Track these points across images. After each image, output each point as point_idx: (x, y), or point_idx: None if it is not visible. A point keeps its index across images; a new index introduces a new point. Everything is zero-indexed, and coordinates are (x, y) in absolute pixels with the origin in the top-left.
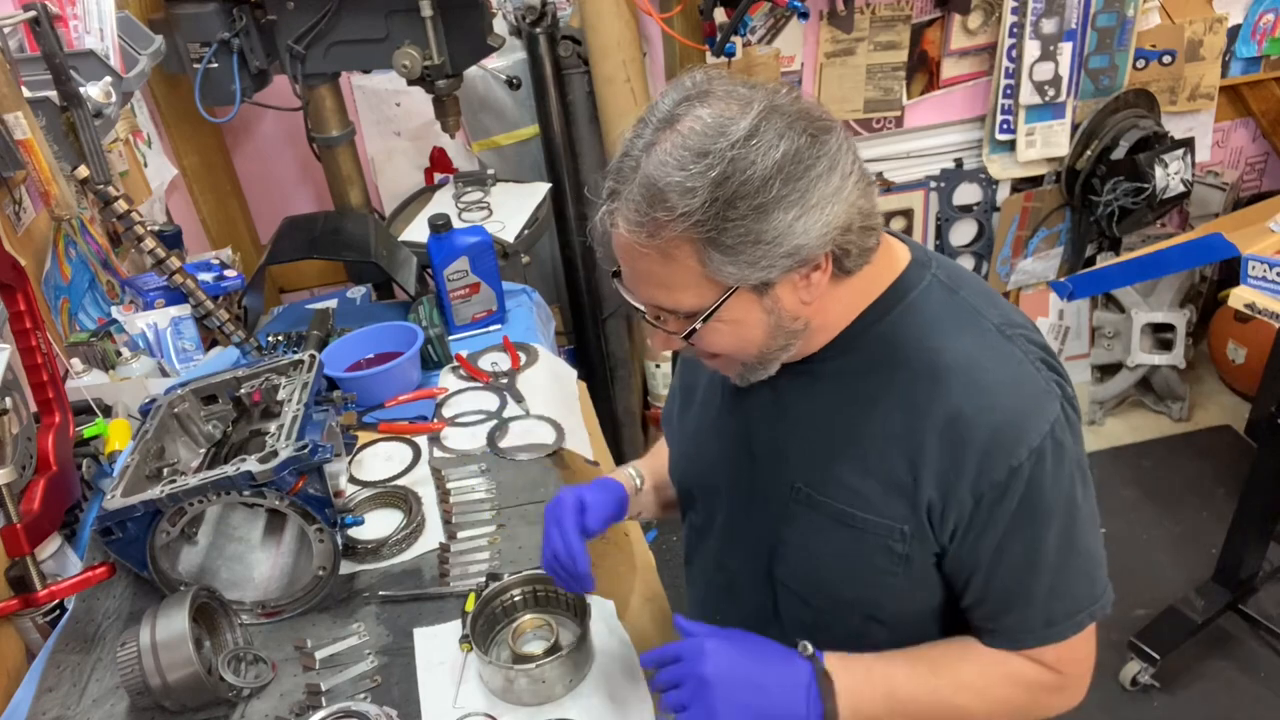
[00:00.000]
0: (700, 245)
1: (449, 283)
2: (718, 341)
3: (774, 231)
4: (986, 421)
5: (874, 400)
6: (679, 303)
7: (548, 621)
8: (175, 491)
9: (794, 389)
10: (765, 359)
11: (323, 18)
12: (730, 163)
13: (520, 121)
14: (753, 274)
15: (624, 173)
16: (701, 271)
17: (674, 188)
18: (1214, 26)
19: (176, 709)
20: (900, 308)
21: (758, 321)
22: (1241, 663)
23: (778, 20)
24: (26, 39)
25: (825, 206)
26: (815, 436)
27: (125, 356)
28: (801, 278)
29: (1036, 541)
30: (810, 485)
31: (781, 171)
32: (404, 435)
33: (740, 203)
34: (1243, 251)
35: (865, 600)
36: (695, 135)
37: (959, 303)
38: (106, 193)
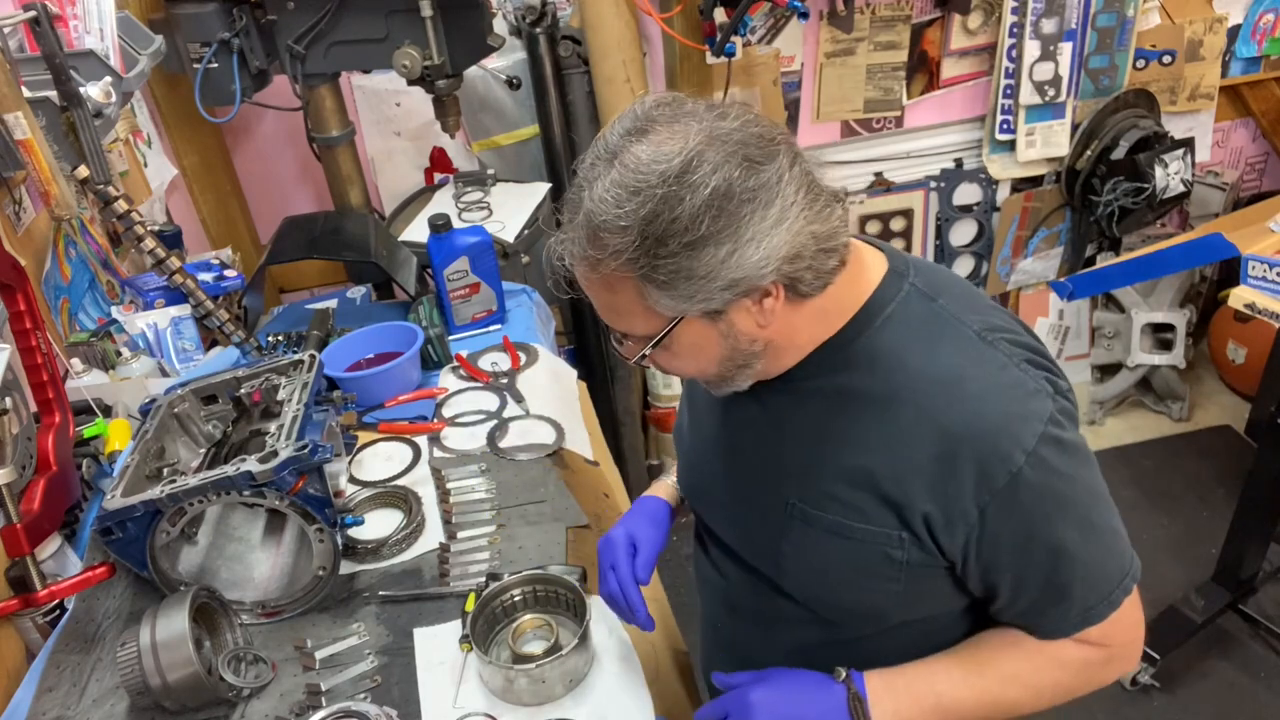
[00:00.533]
0: (637, 280)
1: (449, 283)
2: (675, 364)
3: (706, 268)
4: (976, 431)
5: (858, 416)
6: (631, 328)
7: (548, 621)
8: (175, 491)
9: (781, 405)
10: (725, 378)
11: (323, 18)
12: (661, 200)
13: (520, 121)
14: (692, 306)
15: (572, 205)
16: (644, 304)
17: (607, 226)
18: (1214, 26)
19: (176, 709)
20: (879, 322)
21: (713, 345)
22: (1241, 663)
23: (778, 20)
24: (26, 39)
25: (763, 240)
26: (804, 451)
27: (125, 356)
28: (754, 304)
29: (1056, 538)
30: (804, 500)
31: (712, 208)
32: (404, 435)
33: (671, 240)
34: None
35: (870, 609)
36: (629, 172)
37: (938, 311)
38: (106, 193)
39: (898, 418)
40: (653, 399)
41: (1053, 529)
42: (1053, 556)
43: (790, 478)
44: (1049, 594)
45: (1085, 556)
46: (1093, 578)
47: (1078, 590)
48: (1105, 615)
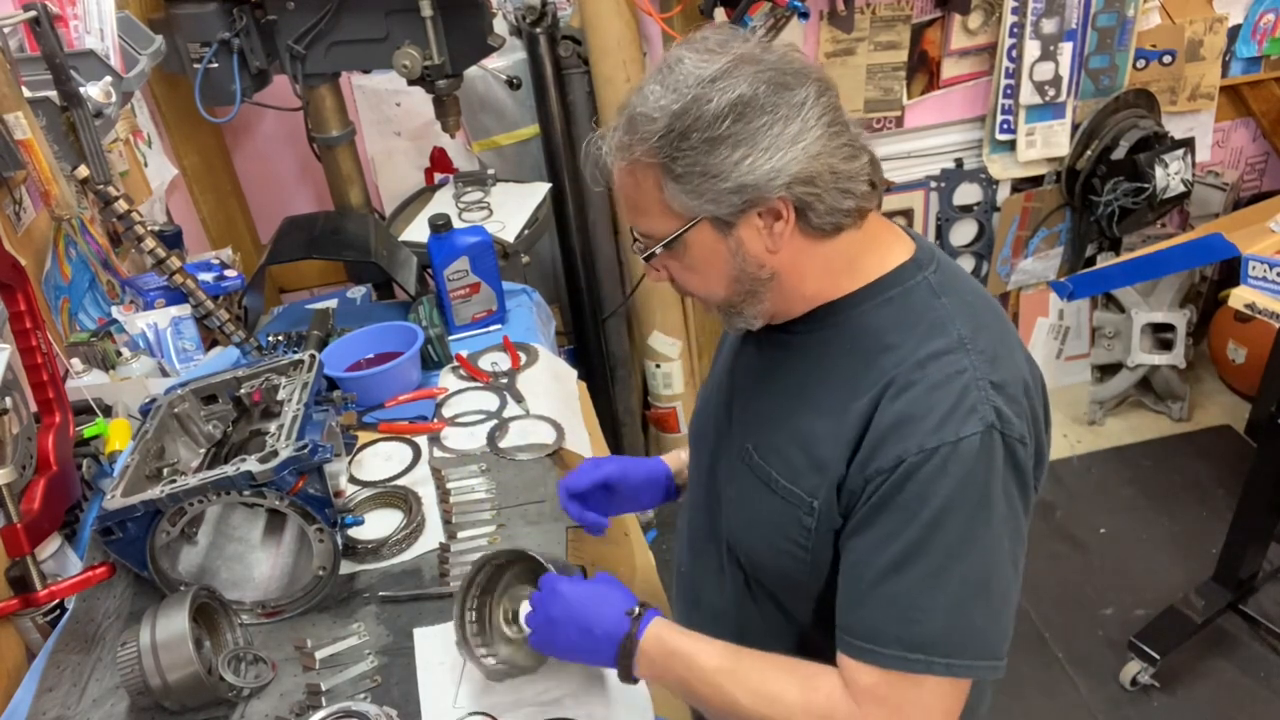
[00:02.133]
0: (658, 171)
1: (449, 283)
2: (686, 277)
3: (719, 167)
4: (896, 410)
5: (825, 377)
6: (650, 227)
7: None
8: (175, 491)
9: (773, 355)
10: (733, 304)
11: (323, 18)
12: (691, 99)
13: (520, 121)
14: (702, 205)
15: (620, 109)
16: (661, 198)
17: (642, 116)
18: (1214, 26)
19: (176, 709)
20: (879, 300)
21: (724, 262)
22: (1241, 663)
23: (778, 20)
24: (26, 39)
25: (776, 152)
26: (772, 403)
27: (125, 356)
28: (764, 223)
29: (895, 548)
30: (756, 448)
31: (734, 110)
32: (404, 435)
33: (693, 134)
34: (1243, 251)
35: (777, 567)
36: (671, 75)
37: (935, 308)
38: (106, 193)
39: (855, 391)
40: (653, 399)
41: (899, 536)
42: (881, 556)
43: (754, 424)
44: (857, 590)
45: (916, 588)
46: (906, 614)
47: (879, 607)
48: (893, 667)
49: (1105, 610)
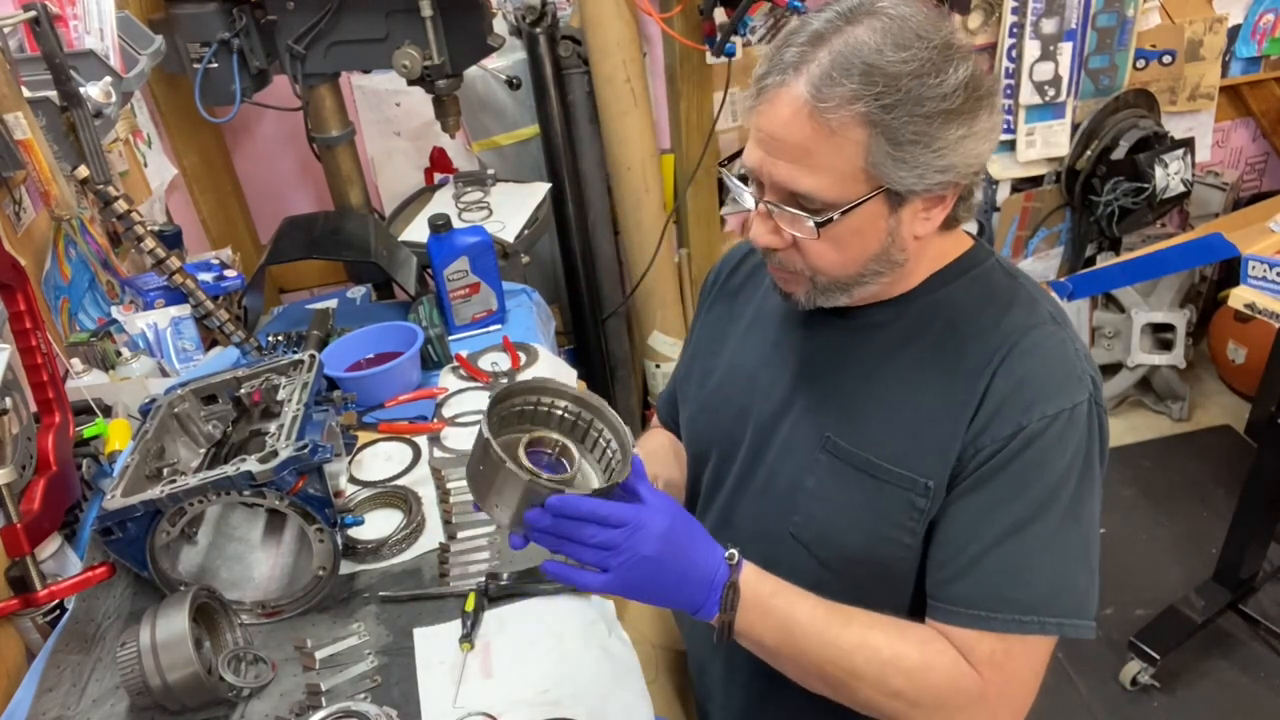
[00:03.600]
0: (872, 131)
1: (449, 283)
2: (820, 250)
3: (942, 142)
4: (1013, 380)
5: (923, 358)
6: (819, 189)
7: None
8: (175, 491)
9: (850, 338)
10: (855, 281)
11: (323, 18)
12: (930, 62)
13: (520, 121)
14: (906, 178)
15: (807, 41)
16: (860, 160)
17: (875, 66)
18: (1214, 26)
19: (176, 709)
20: (966, 278)
21: (875, 237)
22: (1241, 663)
23: (778, 20)
24: (26, 39)
25: (982, 138)
26: (857, 387)
27: (125, 356)
28: (925, 207)
29: (1012, 513)
30: (840, 435)
31: (967, 87)
32: (404, 435)
33: (928, 102)
34: (1243, 251)
35: (875, 558)
36: (899, 24)
37: (1018, 286)
38: (106, 193)
39: (958, 365)
40: (653, 399)
41: (1014, 503)
42: (997, 524)
43: (835, 412)
44: (970, 558)
45: (1028, 552)
46: (1019, 579)
47: (994, 575)
48: (1009, 631)
49: (1105, 610)
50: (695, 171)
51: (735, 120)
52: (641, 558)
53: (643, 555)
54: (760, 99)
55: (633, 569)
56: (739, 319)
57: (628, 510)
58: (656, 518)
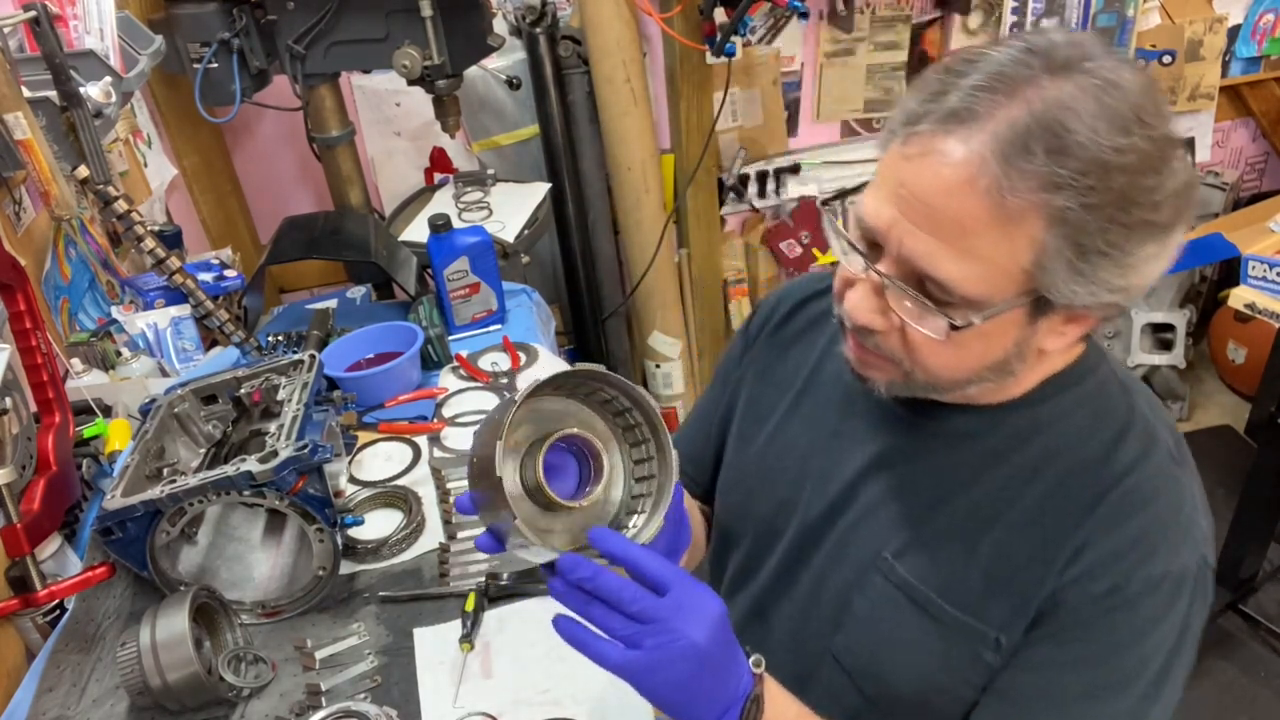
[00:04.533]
0: (1057, 230)
1: (449, 283)
2: (933, 348)
3: (1134, 258)
4: (1119, 527)
5: (1013, 484)
6: (963, 280)
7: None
8: (175, 491)
9: (927, 444)
10: (958, 385)
11: (323, 18)
12: (1149, 157)
13: (520, 121)
14: (1077, 292)
15: (989, 82)
16: (1026, 260)
17: (1085, 148)
18: (1214, 26)
19: (176, 709)
20: (1076, 392)
21: (1001, 345)
22: (1241, 663)
23: (778, 20)
24: (26, 39)
25: (1165, 257)
26: (928, 506)
27: (125, 356)
28: (1067, 320)
29: (1089, 679)
30: (900, 559)
31: (1179, 197)
32: (404, 435)
33: (1135, 209)
34: (1243, 251)
35: (926, 702)
36: (1116, 96)
37: (1134, 408)
38: (106, 193)
39: (1054, 501)
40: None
41: (1096, 671)
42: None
43: (894, 528)
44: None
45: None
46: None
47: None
48: None
49: None
50: (695, 171)
51: (735, 120)
52: (690, 644)
53: (691, 640)
54: (910, 144)
55: (670, 653)
56: (789, 381)
57: (673, 573)
58: (709, 596)
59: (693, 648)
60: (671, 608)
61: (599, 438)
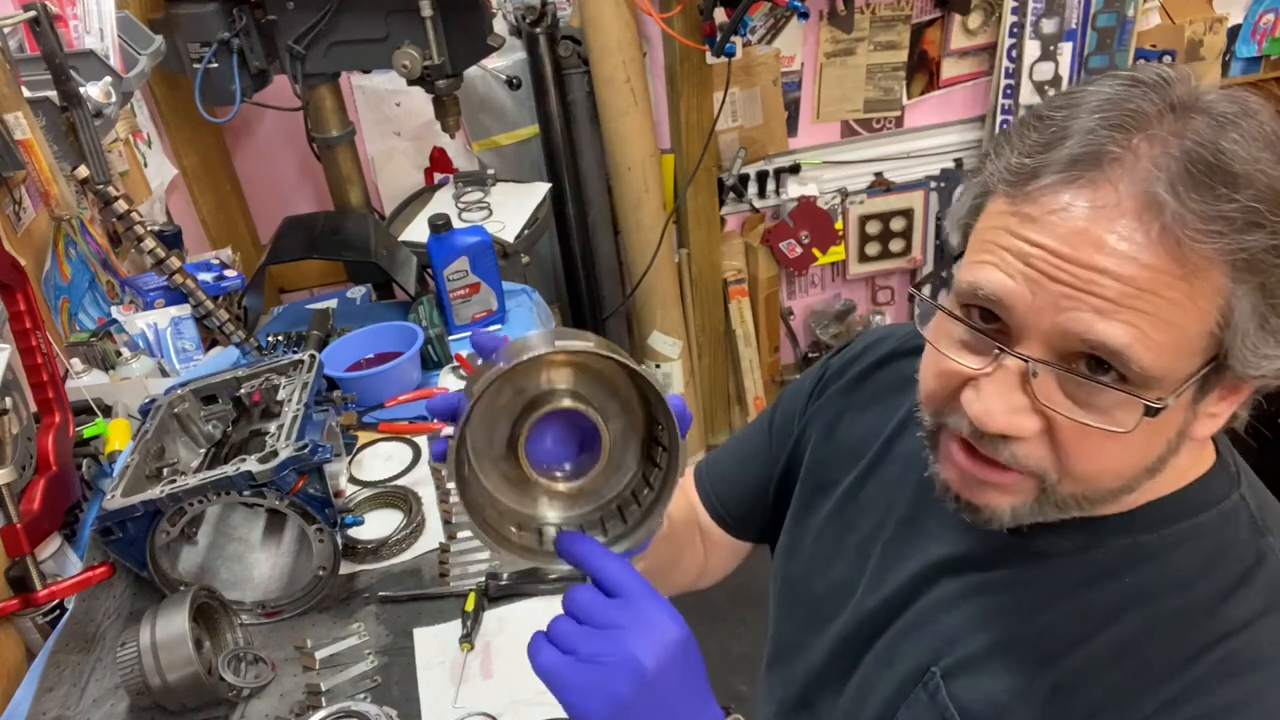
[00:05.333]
0: (1244, 274)
1: (449, 283)
2: (1108, 449)
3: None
4: (1214, 699)
5: (1092, 618)
6: (1143, 351)
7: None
8: (175, 491)
9: (1004, 557)
10: (1109, 494)
11: (323, 18)
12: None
13: (520, 121)
14: (1263, 355)
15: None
16: (1211, 316)
17: (1256, 175)
18: (1214, 26)
19: (176, 709)
20: (1188, 524)
21: (1164, 434)
22: None
23: (778, 20)
24: (26, 39)
25: None
26: (989, 621)
27: (125, 356)
28: (1221, 397)
29: None
30: (948, 677)
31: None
32: (404, 435)
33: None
34: None
35: None
36: (1262, 123)
37: (1266, 555)
38: (106, 193)
39: (1138, 649)
40: None
41: None
42: None
43: (948, 641)
44: None
45: None
46: None
47: None
48: None
49: None
50: (695, 171)
51: (735, 120)
52: (630, 659)
53: (633, 656)
54: (1032, 203)
55: (605, 667)
56: (860, 448)
57: (632, 582)
58: (671, 619)
59: (634, 667)
60: (619, 616)
61: (615, 437)
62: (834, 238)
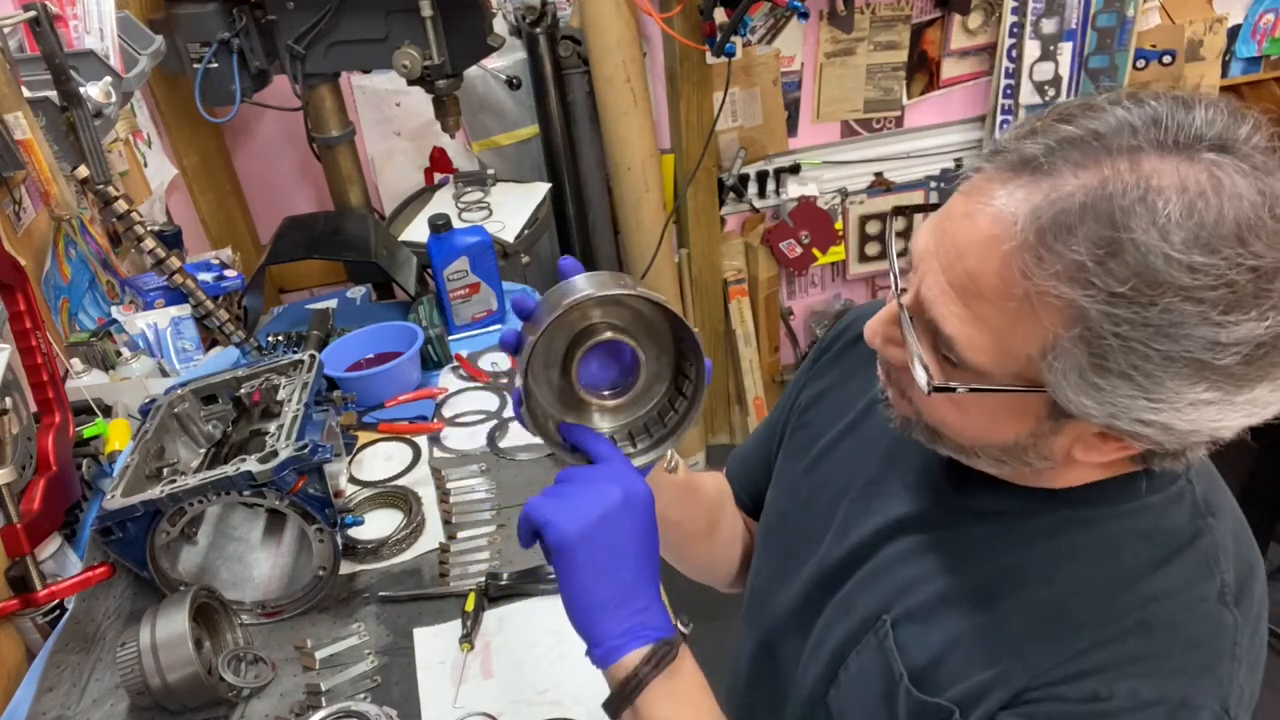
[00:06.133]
0: (1076, 330)
1: (449, 283)
2: (944, 408)
3: (1168, 396)
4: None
5: (1027, 576)
6: (967, 343)
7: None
8: (175, 491)
9: (957, 518)
10: (959, 449)
11: (323, 18)
12: (1231, 288)
13: (520, 121)
14: (1086, 405)
15: (1081, 140)
16: (1034, 348)
17: (1144, 253)
18: (1214, 26)
19: (176, 709)
20: (1135, 504)
21: (1012, 428)
22: None
23: (778, 20)
24: (26, 39)
25: (1240, 412)
26: (935, 573)
27: (125, 356)
28: (1103, 440)
29: None
30: (896, 625)
31: (1255, 349)
32: (404, 435)
33: (1185, 340)
34: None
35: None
36: (1225, 202)
37: (1201, 535)
38: (106, 193)
39: (1058, 607)
40: None
41: None
42: None
43: (899, 592)
44: None
45: None
46: None
47: None
48: None
49: None
50: (695, 171)
51: (735, 120)
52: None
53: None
54: (975, 178)
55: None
56: (845, 408)
57: (612, 453)
58: (641, 481)
59: (605, 497)
60: (599, 473)
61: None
62: (834, 238)
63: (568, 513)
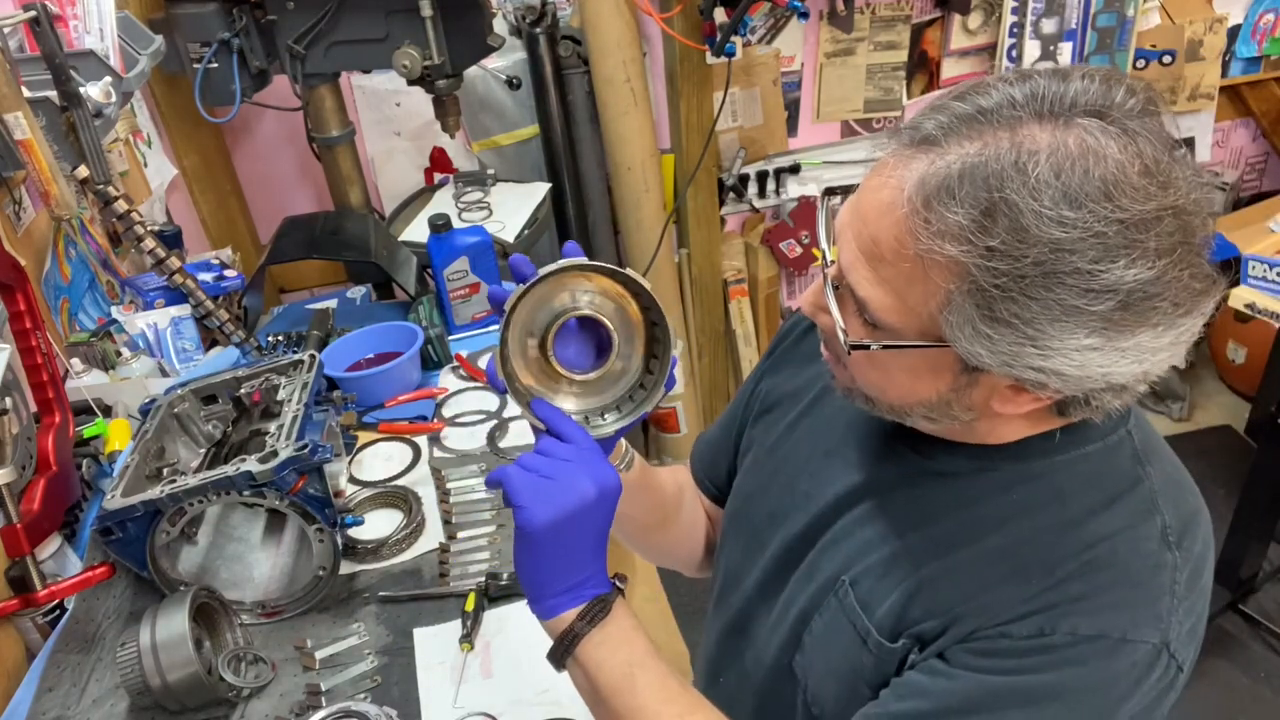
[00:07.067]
0: (963, 286)
1: (449, 283)
2: (864, 368)
3: (1050, 342)
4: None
5: (978, 529)
6: (876, 303)
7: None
8: (175, 491)
9: (909, 480)
10: (899, 413)
11: (323, 18)
12: (1098, 239)
13: (520, 121)
14: (983, 356)
15: (966, 117)
16: (933, 307)
17: (1013, 209)
18: (1214, 26)
19: (176, 709)
20: (1075, 454)
21: (932, 385)
22: (1241, 663)
23: (778, 20)
24: (26, 39)
25: (1128, 358)
26: (891, 533)
27: (125, 356)
28: (1014, 392)
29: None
30: (855, 584)
31: (1131, 295)
32: (404, 435)
33: (1059, 288)
34: (1243, 251)
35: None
36: (1083, 168)
37: (1138, 480)
38: (106, 193)
39: (1008, 555)
40: None
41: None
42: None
43: (857, 554)
44: None
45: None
46: None
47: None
48: None
49: None
50: (695, 171)
51: (735, 120)
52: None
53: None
54: (889, 152)
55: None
56: (802, 393)
57: (584, 438)
58: (613, 473)
59: (582, 491)
60: (573, 454)
61: (622, 340)
62: None
63: (543, 504)
